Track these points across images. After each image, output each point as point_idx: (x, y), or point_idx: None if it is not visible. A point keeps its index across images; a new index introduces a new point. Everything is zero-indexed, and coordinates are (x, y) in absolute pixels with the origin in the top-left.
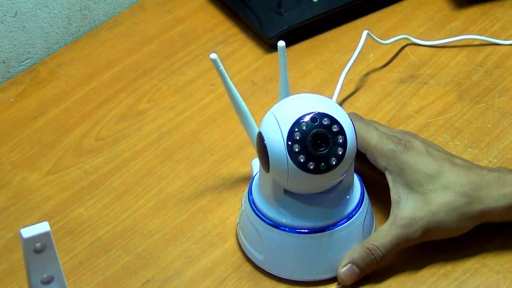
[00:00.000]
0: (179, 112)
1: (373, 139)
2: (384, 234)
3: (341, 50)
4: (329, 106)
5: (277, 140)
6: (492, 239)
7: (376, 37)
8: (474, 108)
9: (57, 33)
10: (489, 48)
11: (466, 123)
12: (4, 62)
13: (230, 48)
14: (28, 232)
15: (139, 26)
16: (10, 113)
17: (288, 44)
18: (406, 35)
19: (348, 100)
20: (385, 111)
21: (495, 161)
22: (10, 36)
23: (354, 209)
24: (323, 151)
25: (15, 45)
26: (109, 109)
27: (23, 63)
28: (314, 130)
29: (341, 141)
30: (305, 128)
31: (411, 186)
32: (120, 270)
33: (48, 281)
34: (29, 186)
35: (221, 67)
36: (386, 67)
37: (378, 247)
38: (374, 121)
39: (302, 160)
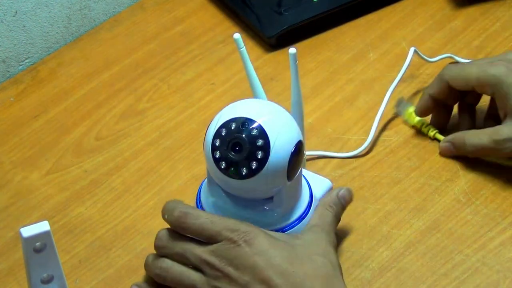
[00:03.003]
0: (179, 111)
1: (473, 72)
2: (481, 137)
3: (341, 50)
4: (261, 111)
5: (206, 147)
6: (492, 238)
7: (423, 54)
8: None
9: (57, 32)
10: (489, 48)
11: None
12: (4, 62)
13: (230, 48)
14: (28, 231)
15: (139, 25)
16: (10, 113)
17: (288, 44)
18: (451, 54)
19: (349, 100)
20: (385, 111)
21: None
22: (10, 36)
23: (295, 221)
24: (239, 156)
25: (15, 44)
26: (109, 108)
27: (23, 63)
28: (232, 136)
29: (261, 146)
30: (224, 134)
31: None
32: (120, 269)
33: (48, 280)
34: (29, 185)
35: (243, 48)
36: (386, 67)
37: (471, 144)
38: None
39: (223, 166)
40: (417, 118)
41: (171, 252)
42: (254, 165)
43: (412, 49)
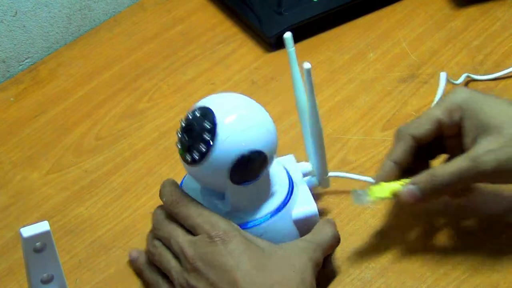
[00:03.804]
0: (179, 111)
1: (436, 108)
2: (453, 164)
3: (341, 50)
4: (228, 105)
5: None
6: (492, 238)
7: (450, 78)
8: None
9: (57, 32)
10: (489, 48)
11: None
12: (4, 62)
13: (230, 48)
14: (28, 231)
15: (139, 25)
16: (10, 113)
17: None
18: (469, 73)
19: (349, 100)
20: (385, 110)
21: None
22: (10, 36)
23: (256, 219)
24: (190, 142)
25: (15, 44)
26: (109, 108)
27: (23, 63)
28: (187, 123)
29: (207, 135)
30: (184, 121)
31: (487, 128)
32: (120, 269)
33: (48, 280)
34: (29, 185)
35: (292, 48)
36: (386, 66)
37: (443, 174)
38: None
39: (179, 152)
40: (390, 185)
41: (161, 234)
42: (198, 152)
43: (443, 74)
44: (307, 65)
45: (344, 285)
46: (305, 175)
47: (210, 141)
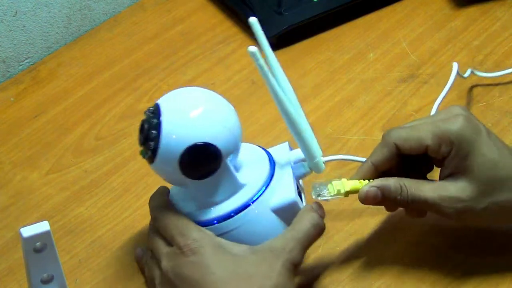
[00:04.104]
0: None
1: (427, 130)
2: (424, 189)
3: (341, 50)
4: (174, 98)
5: None
6: (492, 238)
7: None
8: (474, 107)
9: (57, 32)
10: (489, 48)
11: None
12: (4, 62)
13: (230, 48)
14: (28, 231)
15: (139, 25)
16: (10, 113)
17: (288, 44)
18: (473, 69)
19: (349, 100)
20: (385, 110)
21: None
22: (10, 36)
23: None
24: (143, 140)
25: (15, 44)
26: (109, 108)
27: (23, 63)
28: (141, 122)
29: (154, 132)
30: (144, 118)
31: (470, 172)
32: (120, 269)
33: (48, 280)
34: (29, 185)
35: (261, 34)
36: (386, 66)
37: (409, 191)
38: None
39: (140, 152)
40: (351, 182)
41: (149, 245)
42: (149, 149)
43: (455, 64)
44: (251, 48)
45: (344, 285)
46: (297, 162)
47: (157, 137)
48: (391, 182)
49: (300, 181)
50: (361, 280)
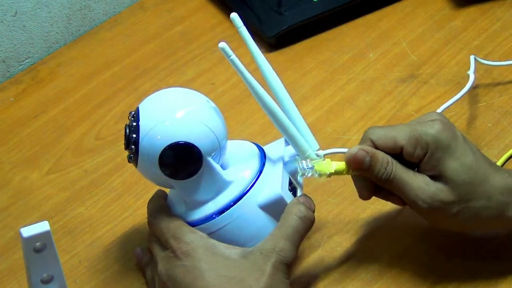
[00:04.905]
0: None
1: (404, 130)
2: (409, 174)
3: (341, 50)
4: (153, 100)
5: None
6: (492, 238)
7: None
8: (474, 107)
9: (57, 32)
10: (489, 48)
11: (466, 122)
12: (4, 62)
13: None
14: (28, 231)
15: (139, 25)
16: (10, 113)
17: (288, 44)
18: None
19: (349, 100)
20: (385, 110)
21: (495, 160)
22: (10, 36)
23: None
24: (126, 144)
25: (15, 44)
26: (109, 108)
27: (23, 63)
28: (126, 125)
29: (133, 135)
30: (127, 122)
31: (444, 177)
32: (120, 269)
33: (48, 280)
34: (29, 185)
35: (242, 27)
36: (386, 66)
37: (395, 169)
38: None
39: (127, 156)
40: (336, 163)
41: (149, 245)
42: (131, 152)
43: (472, 57)
44: (221, 44)
45: (344, 285)
46: (292, 157)
47: (137, 141)
48: (381, 154)
49: (300, 178)
50: (361, 280)
